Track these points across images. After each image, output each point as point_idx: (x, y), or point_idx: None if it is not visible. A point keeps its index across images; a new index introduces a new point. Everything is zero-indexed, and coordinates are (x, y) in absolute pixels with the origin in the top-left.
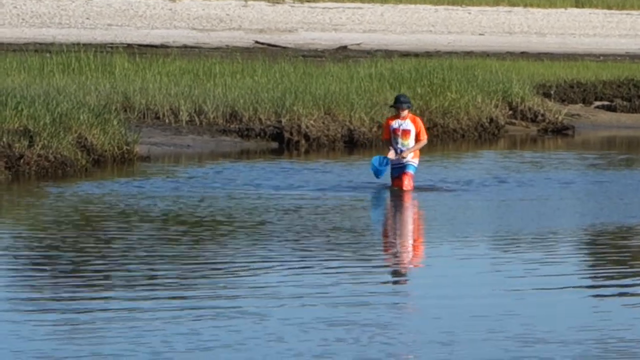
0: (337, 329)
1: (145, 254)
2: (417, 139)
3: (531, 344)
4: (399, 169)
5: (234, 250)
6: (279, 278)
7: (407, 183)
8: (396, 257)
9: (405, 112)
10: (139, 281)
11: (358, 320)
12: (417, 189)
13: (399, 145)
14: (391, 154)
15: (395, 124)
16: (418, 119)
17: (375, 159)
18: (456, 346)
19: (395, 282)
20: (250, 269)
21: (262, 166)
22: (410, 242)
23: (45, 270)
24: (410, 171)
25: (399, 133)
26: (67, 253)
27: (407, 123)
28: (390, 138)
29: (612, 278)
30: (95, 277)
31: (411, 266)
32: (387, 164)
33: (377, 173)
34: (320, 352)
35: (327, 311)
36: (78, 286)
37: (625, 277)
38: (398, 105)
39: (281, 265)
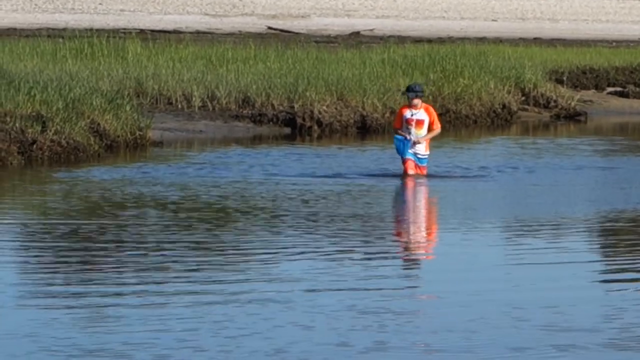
0: (362, 317)
1: (162, 241)
2: (431, 128)
3: (555, 332)
4: (411, 154)
5: (251, 237)
6: (299, 265)
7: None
8: (416, 244)
9: (418, 101)
10: (159, 269)
11: (383, 308)
12: (430, 176)
13: (412, 136)
14: (407, 136)
15: (408, 113)
16: (431, 108)
17: (399, 138)
18: (479, 334)
19: (418, 270)
20: (269, 256)
21: (275, 152)
22: (429, 229)
23: (63, 258)
24: (424, 164)
25: (412, 123)
26: (83, 241)
27: (420, 113)
28: (401, 127)
29: (632, 265)
30: (115, 265)
31: (432, 254)
32: (408, 143)
33: (401, 149)
34: (345, 339)
35: (351, 299)
36: (99, 274)
37: None
38: (410, 94)
39: (301, 253)
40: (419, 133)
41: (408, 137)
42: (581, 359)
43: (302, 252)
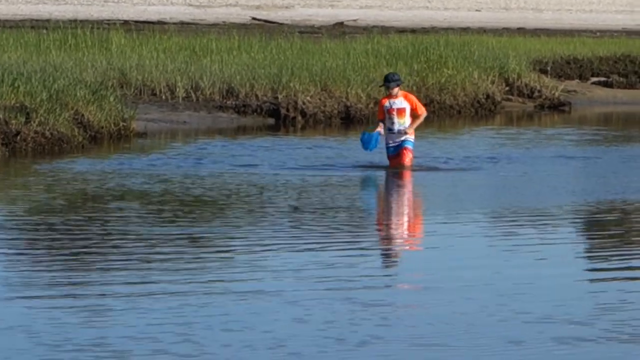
0: (356, 310)
1: (149, 234)
2: (415, 114)
3: (553, 324)
4: (396, 147)
5: (238, 230)
6: (289, 258)
7: (408, 158)
8: (407, 237)
9: (396, 90)
10: (150, 262)
11: (378, 301)
12: (414, 166)
13: (396, 125)
14: (380, 129)
15: (388, 104)
16: (410, 95)
17: (366, 136)
18: (475, 326)
19: (410, 262)
20: (260, 249)
21: (258, 143)
22: (418, 221)
23: (48, 252)
24: (409, 146)
25: (394, 113)
26: (69, 234)
27: (400, 101)
28: (385, 118)
29: (621, 257)
30: (102, 259)
31: (424, 246)
32: (376, 139)
33: (367, 145)
34: (345, 333)
35: (349, 291)
36: (87, 268)
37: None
38: (387, 84)
39: (290, 246)
40: (402, 122)
41: (378, 129)
42: (579, 351)
43: (292, 245)
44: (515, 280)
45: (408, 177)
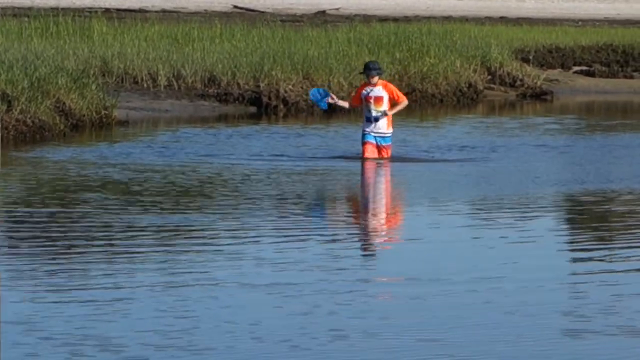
0: (350, 304)
1: (133, 224)
2: (395, 103)
3: (551, 319)
4: (371, 136)
5: (222, 220)
6: (276, 251)
7: (386, 155)
8: (399, 230)
9: (376, 79)
10: (137, 255)
11: (371, 296)
12: (395, 157)
13: (373, 112)
14: (334, 99)
15: (366, 91)
16: (390, 84)
17: (315, 92)
18: (475, 320)
19: (399, 256)
20: (250, 241)
21: (238, 131)
22: (401, 214)
23: (31, 243)
24: (388, 143)
25: (371, 100)
26: (51, 225)
27: (378, 90)
28: (360, 105)
29: (612, 248)
30: (89, 251)
31: (420, 239)
32: (325, 95)
33: (318, 102)
34: (346, 326)
35: (345, 285)
36: (74, 260)
37: (626, 246)
38: (367, 72)
39: (276, 237)
40: (379, 108)
41: (330, 98)
42: (582, 344)
43: (277, 237)
44: (514, 273)
45: (389, 167)
